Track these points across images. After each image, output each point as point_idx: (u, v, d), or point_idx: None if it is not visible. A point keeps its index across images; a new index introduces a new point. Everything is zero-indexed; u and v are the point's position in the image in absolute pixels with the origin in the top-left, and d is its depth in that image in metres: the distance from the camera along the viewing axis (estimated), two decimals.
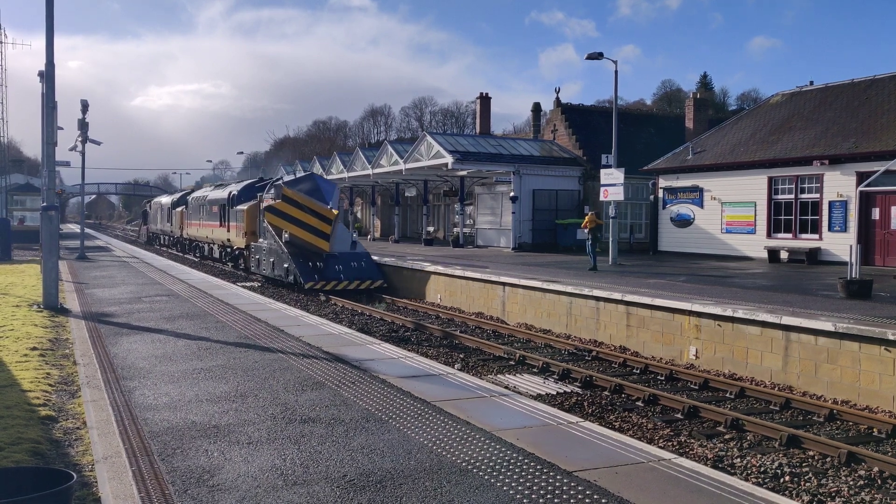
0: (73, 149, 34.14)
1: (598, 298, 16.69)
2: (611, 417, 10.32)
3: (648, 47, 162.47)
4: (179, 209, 46.64)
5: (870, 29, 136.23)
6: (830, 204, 25.38)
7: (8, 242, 34.13)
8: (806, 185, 26.38)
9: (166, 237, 52.82)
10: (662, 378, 13.03)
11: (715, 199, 29.57)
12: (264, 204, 27.67)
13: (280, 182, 27.82)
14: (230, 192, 33.23)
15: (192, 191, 49.70)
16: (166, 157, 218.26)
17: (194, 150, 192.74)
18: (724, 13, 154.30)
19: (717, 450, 8.90)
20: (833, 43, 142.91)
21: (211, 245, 37.74)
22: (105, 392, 8.38)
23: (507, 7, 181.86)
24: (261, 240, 28.54)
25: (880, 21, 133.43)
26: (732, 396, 11.74)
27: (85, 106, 32.25)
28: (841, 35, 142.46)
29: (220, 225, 34.55)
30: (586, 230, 24.30)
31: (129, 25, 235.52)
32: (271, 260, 26.69)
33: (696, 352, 14.04)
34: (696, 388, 12.29)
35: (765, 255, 26.91)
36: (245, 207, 30.50)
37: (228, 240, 33.23)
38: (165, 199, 55.02)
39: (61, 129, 23.14)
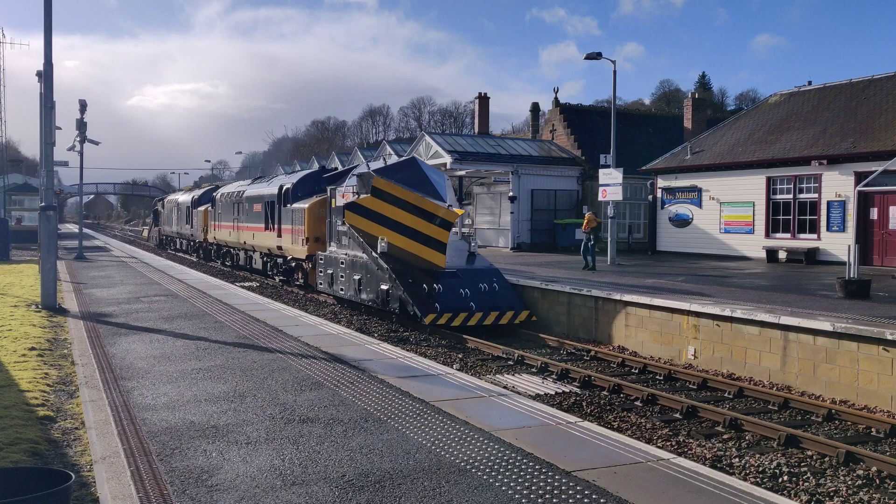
0: (72, 149, 34.11)
1: (596, 298, 16.70)
2: (609, 417, 10.32)
3: (651, 45, 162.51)
4: (203, 208, 39.27)
5: (874, 28, 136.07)
6: (829, 204, 25.40)
7: (6, 242, 34.09)
8: (804, 185, 26.40)
9: (183, 241, 45.60)
10: (661, 378, 13.04)
11: (713, 199, 29.58)
12: (341, 200, 20.58)
13: (367, 170, 20.23)
14: (282, 186, 25.65)
15: (217, 186, 42.46)
16: (164, 158, 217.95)
17: (192, 149, 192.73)
18: (728, 9, 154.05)
19: (715, 449, 8.91)
20: (838, 42, 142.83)
21: (249, 253, 30.52)
22: (103, 392, 8.37)
23: (507, 4, 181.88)
24: (332, 248, 21.22)
25: (885, 20, 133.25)
26: (731, 396, 11.75)
27: (83, 106, 32.23)
28: (845, 34, 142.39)
29: (267, 228, 26.94)
30: (585, 231, 24.16)
31: (126, 25, 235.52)
32: (356, 278, 19.34)
33: (695, 352, 14.05)
34: (695, 387, 12.29)
35: (763, 254, 26.93)
36: (306, 206, 23.15)
37: (279, 247, 25.76)
38: (184, 197, 46.41)
39: (59, 128, 23.17)
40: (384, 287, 17.87)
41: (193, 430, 6.89)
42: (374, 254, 18.32)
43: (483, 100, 47.28)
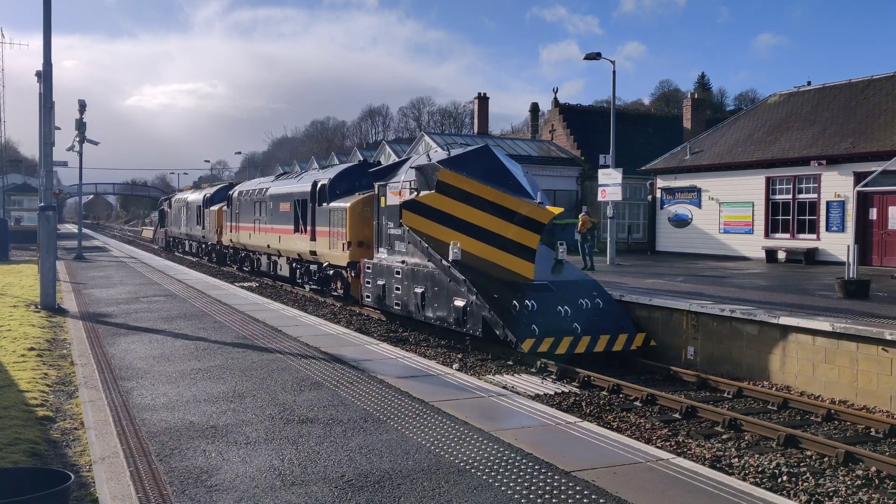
0: (71, 149, 34.14)
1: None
2: (609, 417, 10.32)
3: (653, 44, 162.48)
4: (216, 208, 35.85)
5: (877, 27, 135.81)
6: (828, 204, 25.41)
7: (5, 242, 34.07)
8: (803, 186, 26.41)
9: (194, 244, 42.06)
10: (660, 378, 13.04)
11: (713, 199, 29.60)
12: (393, 198, 17.41)
13: (428, 161, 16.90)
14: (316, 183, 22.42)
15: (232, 184, 38.76)
16: (163, 158, 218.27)
17: (191, 149, 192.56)
18: (730, 7, 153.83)
19: (714, 450, 8.91)
20: (840, 41, 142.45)
21: (273, 258, 27.22)
22: (103, 392, 8.37)
23: (508, 3, 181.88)
24: (382, 255, 18.04)
25: (888, 19, 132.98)
26: (730, 396, 11.75)
27: (83, 106, 32.23)
28: (848, 34, 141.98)
29: (297, 230, 23.64)
30: (581, 232, 24.07)
31: (125, 25, 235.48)
32: (417, 291, 15.99)
33: (694, 352, 14.04)
34: (694, 387, 12.29)
35: (762, 255, 26.94)
36: (347, 204, 20.00)
37: (313, 252, 22.37)
38: (194, 196, 42.70)
39: (58, 129, 23.19)
40: (459, 303, 14.47)
41: (193, 431, 6.89)
42: (444, 262, 14.87)
43: (482, 100, 47.29)
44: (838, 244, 23.73)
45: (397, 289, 17.00)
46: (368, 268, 18.56)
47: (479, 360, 14.09)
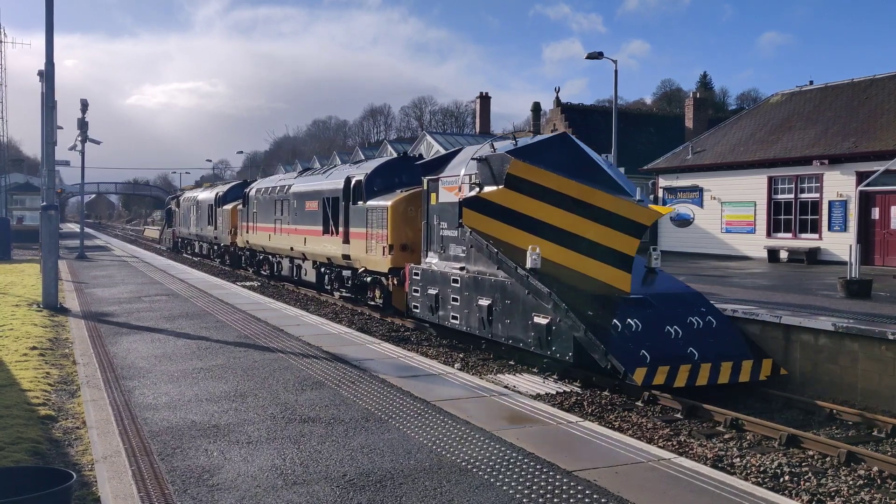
0: (73, 148, 34.18)
1: None
2: (610, 417, 10.31)
3: (657, 43, 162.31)
4: (230, 207, 33.86)
5: (882, 27, 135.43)
6: (830, 204, 25.39)
7: (8, 242, 34.13)
8: (806, 185, 26.39)
9: (204, 245, 40.10)
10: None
11: (715, 198, 29.58)
12: (447, 195, 15.23)
13: (492, 152, 14.22)
14: (350, 179, 20.24)
15: (247, 181, 36.35)
16: (163, 157, 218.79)
17: (191, 149, 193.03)
18: (735, 5, 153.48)
19: (716, 449, 8.90)
20: (846, 40, 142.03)
21: (297, 261, 25.02)
22: (105, 391, 8.38)
23: (511, 0, 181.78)
24: (433, 260, 15.82)
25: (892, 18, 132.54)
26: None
27: (85, 105, 32.29)
28: (853, 32, 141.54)
29: (326, 231, 21.64)
30: None
31: (125, 24, 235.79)
32: (482, 303, 13.65)
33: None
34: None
35: (764, 254, 26.92)
36: (388, 203, 17.87)
37: (346, 256, 20.25)
38: (205, 194, 40.47)
39: (60, 128, 23.20)
40: (541, 321, 12.07)
41: (195, 430, 6.89)
42: (519, 271, 12.50)
43: (484, 99, 47.30)
44: (840, 244, 23.70)
45: (454, 300, 14.63)
46: (416, 274, 16.21)
47: (481, 360, 14.09)
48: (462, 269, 14.49)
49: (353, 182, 20.07)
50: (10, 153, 59.04)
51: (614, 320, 11.34)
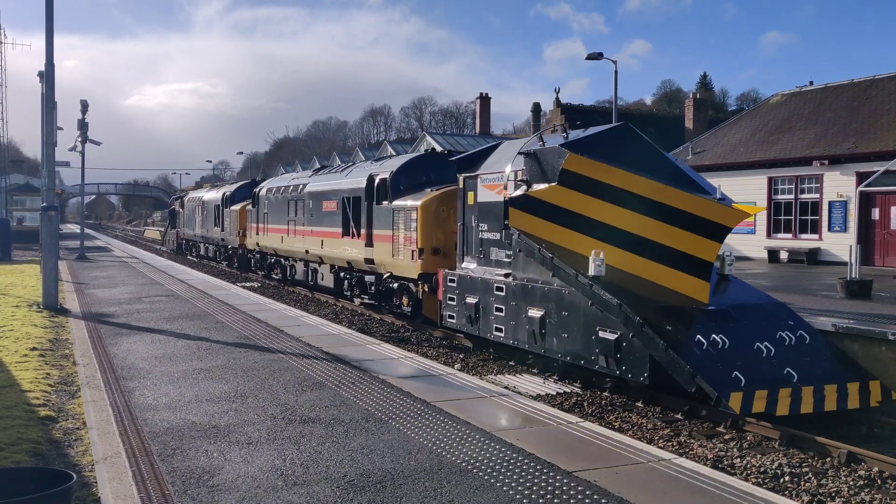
0: (73, 149, 34.23)
1: None
2: (610, 418, 10.31)
3: (659, 42, 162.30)
4: (238, 207, 32.66)
5: (887, 26, 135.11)
6: (830, 204, 25.39)
7: (8, 243, 34.15)
8: (806, 186, 26.40)
9: (211, 247, 38.75)
10: None
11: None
12: (488, 194, 13.88)
13: (541, 145, 12.70)
14: (373, 177, 18.86)
15: (255, 181, 35.01)
16: (163, 157, 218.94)
17: (191, 149, 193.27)
18: (738, 4, 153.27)
19: (717, 450, 8.90)
20: (851, 40, 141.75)
21: (313, 265, 23.56)
22: (105, 392, 8.38)
23: (512, 0, 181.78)
24: (470, 265, 14.40)
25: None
26: None
27: (85, 106, 32.32)
28: (859, 32, 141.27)
29: (346, 234, 20.29)
30: None
31: (126, 24, 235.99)
32: (533, 315, 12.16)
33: None
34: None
35: (765, 255, 26.92)
36: (418, 203, 16.56)
37: (369, 260, 18.84)
38: (211, 194, 39.19)
39: (60, 129, 23.20)
40: (608, 336, 10.61)
41: (195, 431, 6.90)
42: (580, 278, 11.04)
43: (484, 100, 47.32)
44: (840, 244, 23.71)
45: (499, 310, 13.20)
46: (451, 281, 14.75)
47: (481, 361, 14.09)
48: (507, 275, 13.08)
49: (377, 180, 18.72)
50: (11, 154, 59.05)
51: (697, 336, 9.82)
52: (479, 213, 14.17)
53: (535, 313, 12.20)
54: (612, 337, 10.58)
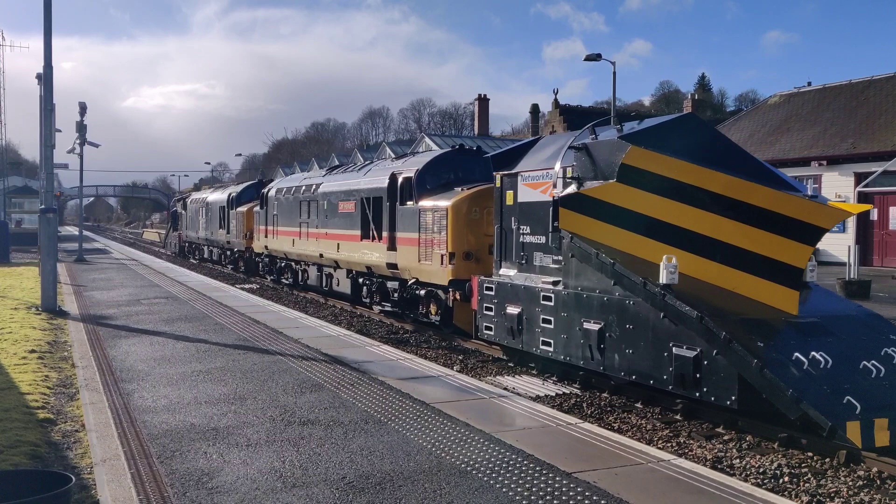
0: (71, 151, 34.21)
1: None
2: (610, 419, 10.30)
3: (660, 42, 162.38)
4: (245, 208, 31.62)
5: (889, 26, 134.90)
6: None
7: (6, 245, 34.14)
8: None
9: (215, 250, 37.55)
10: None
11: None
12: (530, 193, 12.53)
13: (593, 138, 11.37)
14: (396, 175, 17.57)
15: (262, 181, 33.72)
16: (161, 159, 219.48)
17: (189, 151, 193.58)
18: (739, 3, 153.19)
19: (716, 450, 8.90)
20: (853, 40, 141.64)
21: (328, 270, 22.11)
22: (104, 394, 8.38)
23: (512, 0, 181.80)
24: (510, 272, 12.96)
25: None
26: None
27: (83, 108, 32.30)
28: (861, 32, 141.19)
29: (368, 236, 18.81)
30: None
31: (124, 26, 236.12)
32: (589, 328, 10.73)
33: None
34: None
35: None
36: (448, 203, 15.24)
37: (392, 265, 17.56)
38: (216, 195, 37.98)
39: (59, 131, 23.21)
40: (685, 353, 9.24)
41: (194, 433, 6.89)
42: (649, 287, 9.66)
43: (483, 101, 47.36)
44: (839, 245, 23.72)
45: (546, 322, 11.79)
46: (488, 289, 13.37)
47: (480, 362, 14.08)
48: (556, 283, 11.71)
49: (400, 179, 17.38)
50: (9, 156, 59.04)
51: (795, 353, 8.43)
52: (520, 215, 12.86)
53: (591, 326, 10.75)
54: (691, 354, 9.21)
